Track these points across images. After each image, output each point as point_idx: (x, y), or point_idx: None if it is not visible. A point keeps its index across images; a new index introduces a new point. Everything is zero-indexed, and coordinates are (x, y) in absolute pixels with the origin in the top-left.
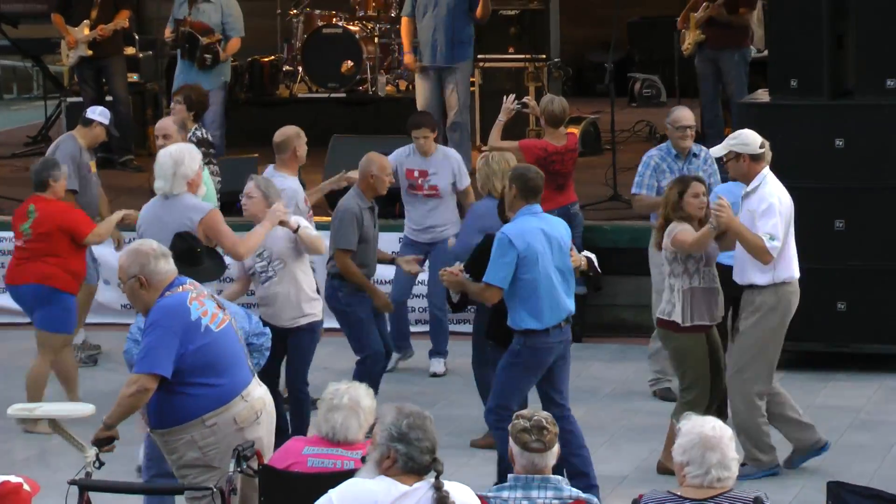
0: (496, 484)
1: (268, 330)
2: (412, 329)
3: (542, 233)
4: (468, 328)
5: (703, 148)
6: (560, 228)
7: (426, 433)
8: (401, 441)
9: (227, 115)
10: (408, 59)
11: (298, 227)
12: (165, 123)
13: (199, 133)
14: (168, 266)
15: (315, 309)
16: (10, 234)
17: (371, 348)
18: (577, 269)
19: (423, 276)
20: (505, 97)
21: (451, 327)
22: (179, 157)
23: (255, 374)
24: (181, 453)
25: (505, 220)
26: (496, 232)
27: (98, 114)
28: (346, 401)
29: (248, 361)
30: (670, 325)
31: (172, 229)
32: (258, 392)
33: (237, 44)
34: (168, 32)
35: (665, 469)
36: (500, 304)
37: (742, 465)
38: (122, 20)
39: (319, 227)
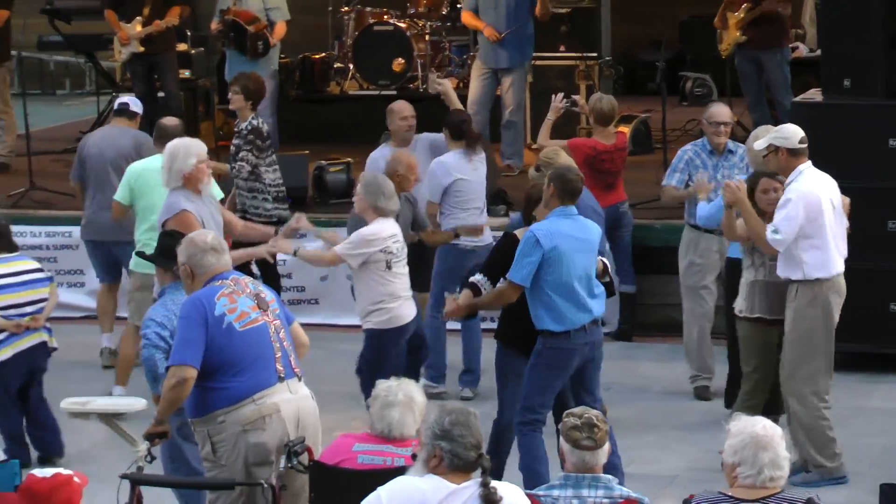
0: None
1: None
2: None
3: (571, 235)
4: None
5: (740, 145)
6: (592, 232)
7: (470, 430)
8: (444, 438)
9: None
10: (488, 31)
11: (296, 251)
12: None
13: (254, 122)
14: (214, 260)
15: (370, 319)
16: (66, 228)
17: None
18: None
19: None
20: (553, 96)
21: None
22: (174, 152)
23: (291, 379)
24: (201, 445)
25: (529, 223)
26: (513, 231)
27: (140, 105)
28: (402, 397)
29: (278, 364)
30: (737, 314)
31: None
32: (276, 398)
33: (284, 28)
34: (214, 24)
35: None
36: (512, 305)
37: (805, 471)
38: (174, 17)
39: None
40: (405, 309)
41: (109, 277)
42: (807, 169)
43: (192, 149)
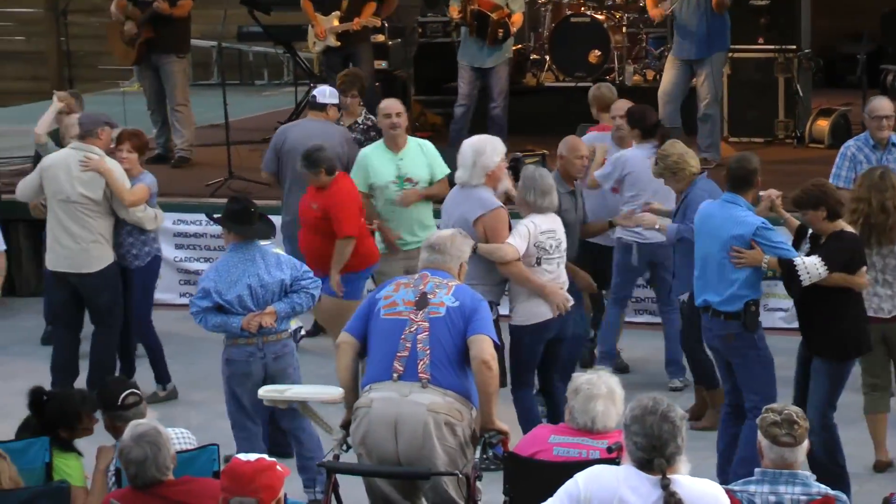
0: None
1: (311, 281)
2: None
3: None
4: (647, 318)
5: None
6: None
7: (643, 427)
8: (625, 431)
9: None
10: (654, 12)
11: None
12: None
13: (369, 121)
14: (425, 255)
15: (514, 314)
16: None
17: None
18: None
19: None
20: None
21: (630, 318)
22: (481, 148)
23: (409, 382)
24: None
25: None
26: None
27: (328, 96)
28: (604, 389)
29: (398, 363)
30: None
31: (456, 219)
32: (376, 395)
33: (520, 19)
34: (455, 11)
35: (883, 466)
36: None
37: None
38: (375, 19)
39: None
40: (544, 307)
41: None
42: None
43: (497, 146)
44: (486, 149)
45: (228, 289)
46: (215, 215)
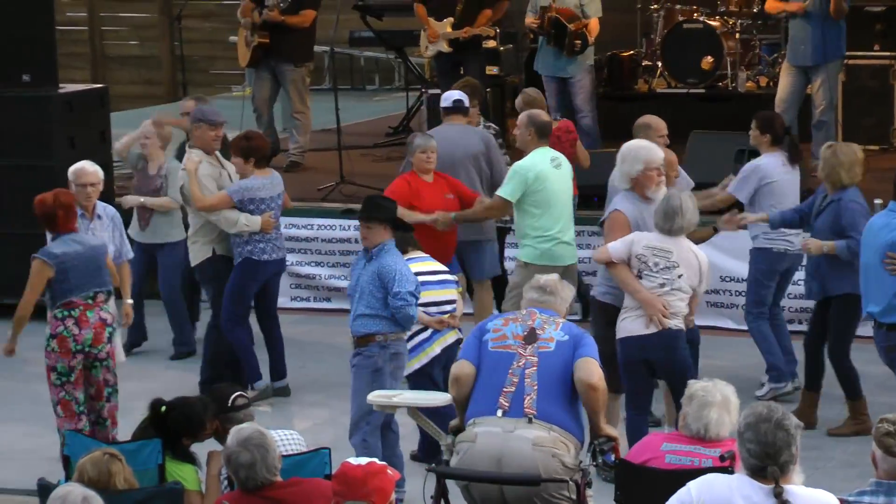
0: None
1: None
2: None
3: None
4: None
5: None
6: None
7: (756, 434)
8: (739, 439)
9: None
10: (792, 6)
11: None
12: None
13: (490, 129)
14: (536, 296)
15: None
16: None
17: None
18: None
19: None
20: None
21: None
22: (625, 154)
23: (515, 418)
24: None
25: None
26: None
27: (462, 98)
28: (719, 397)
29: (504, 398)
30: None
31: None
32: (481, 429)
33: (597, 25)
34: (532, 19)
35: None
36: None
37: None
38: (489, 29)
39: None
40: (636, 323)
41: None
42: None
43: (640, 154)
44: (628, 156)
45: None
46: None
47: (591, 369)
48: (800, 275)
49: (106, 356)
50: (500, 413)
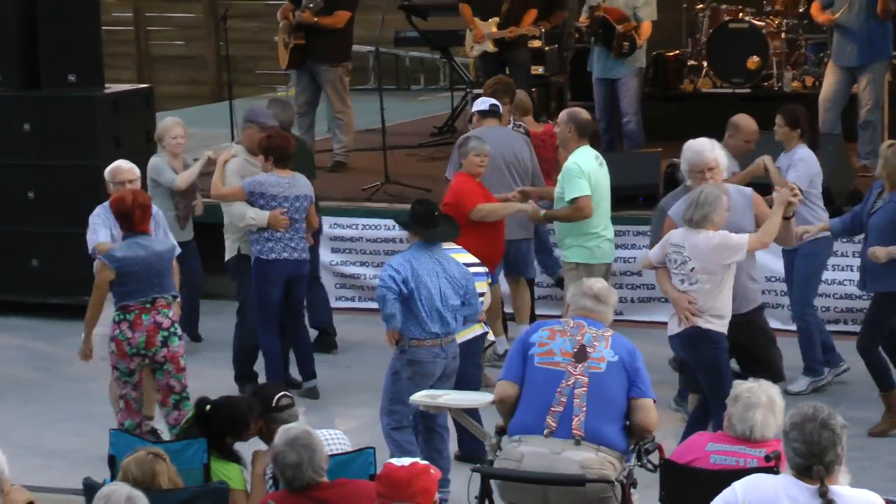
0: None
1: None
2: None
3: None
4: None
5: None
6: None
7: (801, 434)
8: (784, 439)
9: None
10: (821, 17)
11: None
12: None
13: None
14: (591, 304)
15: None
16: None
17: None
18: None
19: None
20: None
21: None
22: (684, 152)
23: (562, 439)
24: None
25: None
26: None
27: (489, 105)
28: (764, 398)
29: (551, 417)
30: None
31: None
32: (526, 448)
33: (649, 28)
34: (583, 19)
35: None
36: None
37: None
38: (534, 29)
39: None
40: (672, 322)
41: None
42: None
43: (686, 155)
44: (686, 154)
45: (417, 286)
46: (400, 219)
47: (650, 416)
48: (841, 274)
49: (164, 360)
50: (546, 432)
